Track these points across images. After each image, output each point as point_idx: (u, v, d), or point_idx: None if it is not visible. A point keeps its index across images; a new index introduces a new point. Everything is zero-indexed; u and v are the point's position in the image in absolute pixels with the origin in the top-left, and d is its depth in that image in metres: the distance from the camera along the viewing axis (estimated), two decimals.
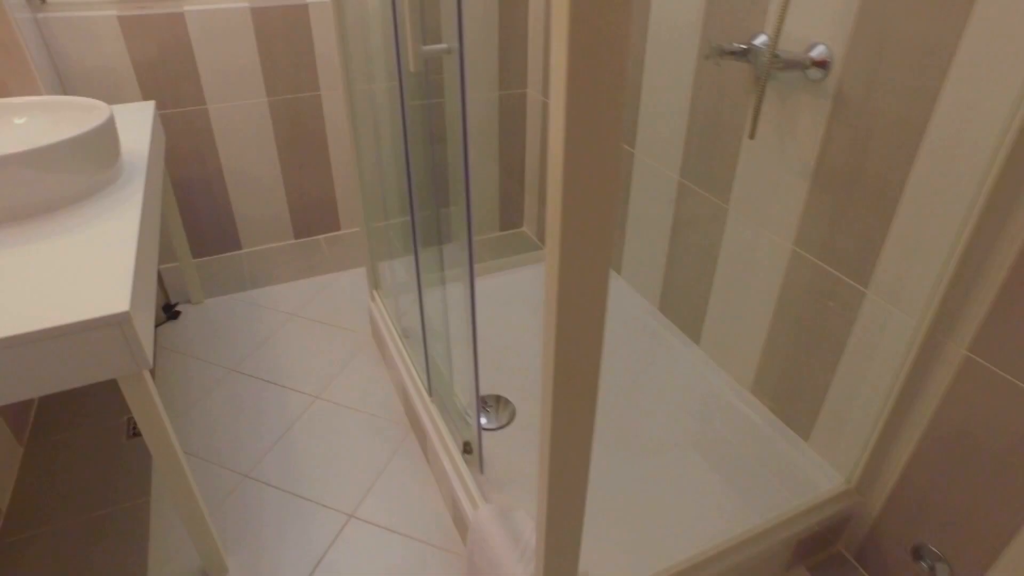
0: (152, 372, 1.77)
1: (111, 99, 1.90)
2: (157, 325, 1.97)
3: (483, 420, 1.55)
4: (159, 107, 1.96)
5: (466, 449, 1.35)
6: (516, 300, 1.95)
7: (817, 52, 1.14)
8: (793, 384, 1.38)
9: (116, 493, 1.46)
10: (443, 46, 0.86)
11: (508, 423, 1.53)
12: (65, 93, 1.84)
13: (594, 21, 0.44)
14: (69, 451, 1.56)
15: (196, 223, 2.20)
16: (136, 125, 1.60)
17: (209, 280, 2.18)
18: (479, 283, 1.97)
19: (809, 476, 1.33)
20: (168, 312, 2.00)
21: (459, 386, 1.46)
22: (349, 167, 2.31)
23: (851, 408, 1.25)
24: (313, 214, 2.35)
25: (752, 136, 1.21)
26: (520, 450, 1.45)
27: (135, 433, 1.61)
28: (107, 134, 1.24)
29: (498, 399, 1.59)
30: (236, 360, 1.83)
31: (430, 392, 1.50)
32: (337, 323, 1.98)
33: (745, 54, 1.26)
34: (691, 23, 1.43)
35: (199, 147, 2.08)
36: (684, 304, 1.70)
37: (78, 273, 0.98)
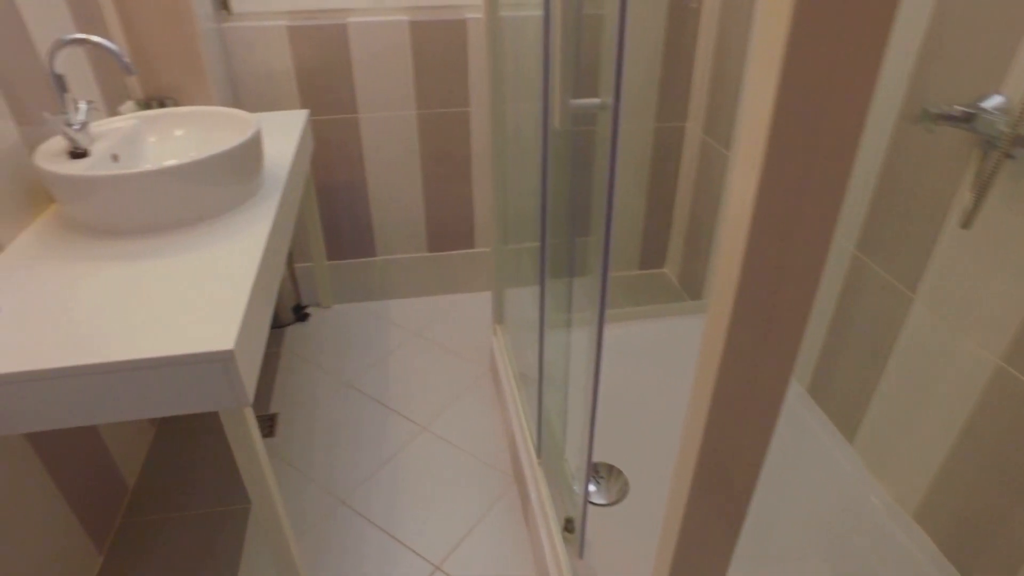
0: (275, 370, 1.80)
1: (272, 105, 1.96)
2: (286, 325, 2.01)
3: (591, 487, 1.41)
4: (313, 113, 2.00)
5: (567, 527, 1.23)
6: (647, 354, 1.79)
7: None
8: (977, 526, 1.12)
9: (231, 492, 1.47)
10: (596, 101, 0.74)
11: (619, 499, 1.38)
12: (235, 98, 1.91)
13: (827, 57, 0.31)
14: (196, 439, 1.60)
15: (335, 226, 2.24)
16: (287, 133, 1.62)
17: (340, 285, 2.21)
18: (610, 329, 1.83)
19: None
20: (298, 313, 2.04)
21: (571, 448, 1.33)
22: (489, 184, 2.26)
23: None
24: (449, 229, 2.32)
25: (967, 225, 0.98)
26: (629, 534, 1.30)
27: (270, 432, 1.63)
28: (251, 150, 1.23)
29: (611, 469, 1.45)
30: (353, 374, 1.82)
31: (539, 451, 1.39)
32: (457, 350, 1.92)
33: (968, 120, 1.02)
34: (897, 76, 1.20)
35: (346, 154, 2.10)
36: (840, 393, 1.46)
37: (196, 297, 0.96)
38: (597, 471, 1.45)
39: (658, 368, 1.73)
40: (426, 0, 1.95)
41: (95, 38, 1.13)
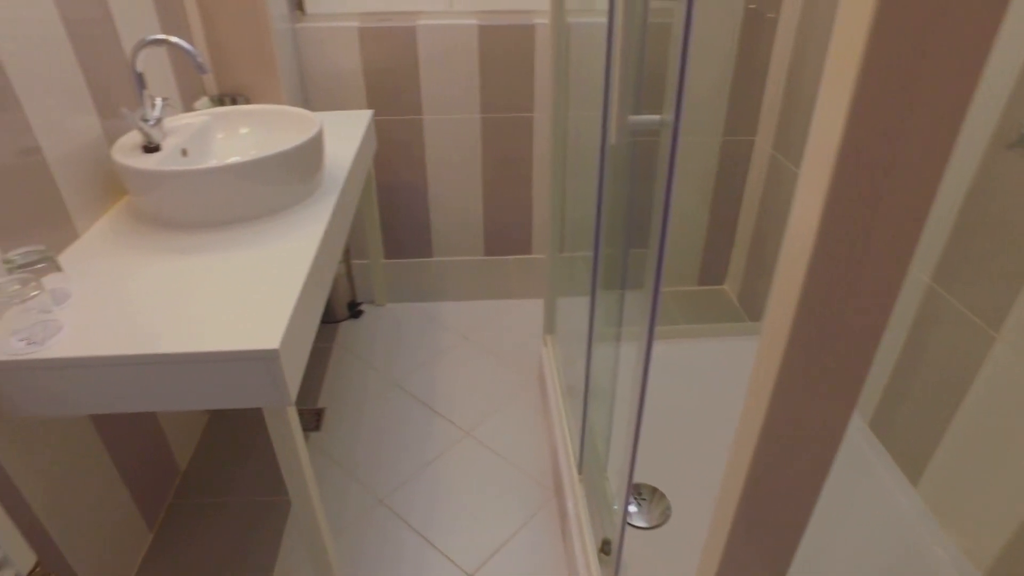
0: (325, 365, 1.84)
1: (339, 104, 2.00)
2: (339, 321, 2.05)
3: (632, 508, 1.37)
4: (378, 113, 2.03)
5: (604, 549, 1.19)
6: (700, 374, 1.73)
7: None
8: None
9: (276, 483, 1.51)
10: (655, 119, 0.71)
11: (660, 524, 1.34)
12: (304, 96, 1.96)
13: (912, 69, 0.29)
14: (247, 428, 1.65)
15: (393, 225, 2.27)
16: (350, 132, 1.65)
17: (395, 283, 2.23)
18: (662, 346, 1.78)
19: None
20: (352, 310, 2.07)
21: (613, 467, 1.30)
22: (547, 191, 2.24)
23: None
24: (507, 234, 2.31)
25: None
26: (668, 561, 1.26)
27: (316, 426, 1.67)
28: (311, 150, 1.25)
29: (654, 491, 1.41)
30: (401, 374, 1.84)
31: (580, 468, 1.36)
32: (506, 357, 1.91)
33: None
34: (992, 97, 1.12)
35: (408, 155, 2.12)
36: (906, 430, 1.37)
37: (247, 293, 0.98)
38: (639, 492, 1.41)
39: (711, 390, 1.67)
40: (496, 4, 1.94)
41: (173, 39, 1.17)
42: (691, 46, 0.62)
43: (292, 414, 0.97)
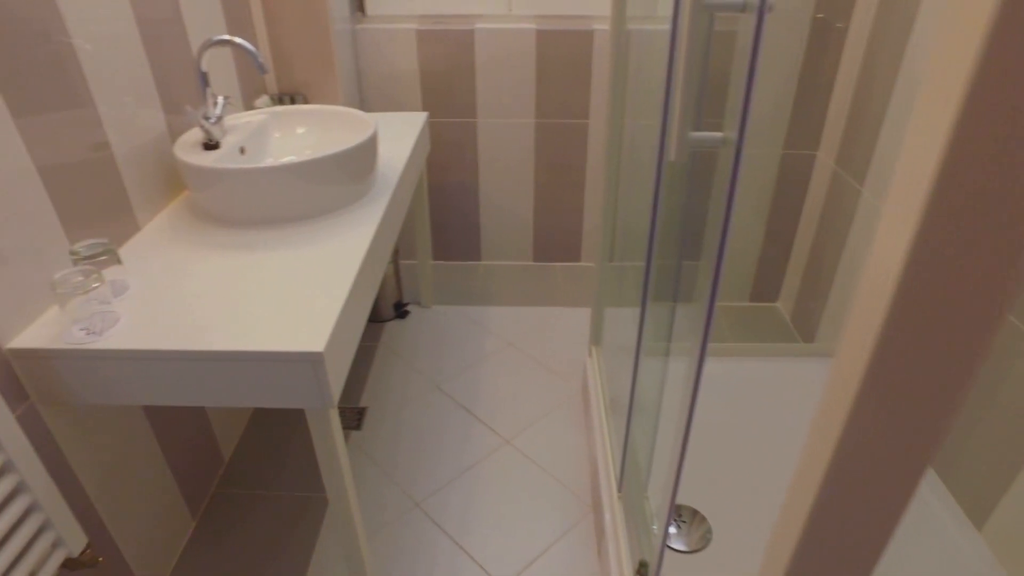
0: (369, 364, 1.85)
1: (395, 105, 2.01)
2: (385, 320, 2.06)
3: (671, 530, 1.34)
4: (433, 115, 2.04)
5: (640, 571, 1.17)
6: (748, 395, 1.68)
7: None
8: None
9: (315, 480, 1.53)
10: (718, 136, 0.68)
11: (700, 548, 1.30)
12: (360, 96, 1.98)
13: None
14: (290, 424, 1.68)
15: (443, 227, 2.27)
16: (404, 134, 1.65)
17: (442, 285, 2.24)
18: (710, 363, 1.72)
19: None
20: (398, 310, 2.09)
21: (655, 486, 1.27)
22: (600, 199, 2.21)
23: None
24: (556, 240, 2.30)
25: None
26: None
27: (357, 425, 1.68)
28: (365, 152, 1.26)
29: (694, 514, 1.37)
30: (444, 377, 1.84)
31: (620, 484, 1.33)
32: (551, 365, 1.89)
33: None
34: None
35: (461, 157, 2.13)
36: (971, 471, 1.30)
37: (296, 294, 0.99)
38: (679, 514, 1.37)
39: (759, 412, 1.62)
40: (556, 9, 1.93)
41: (237, 39, 1.19)
42: (759, 62, 0.59)
43: (334, 416, 0.97)
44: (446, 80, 1.98)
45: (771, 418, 1.60)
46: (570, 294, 2.21)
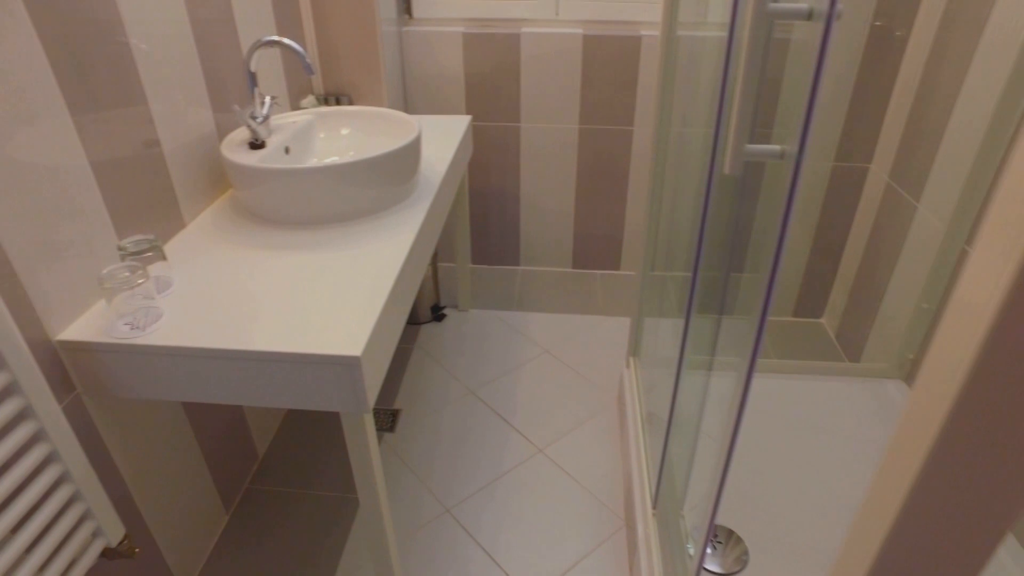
0: (404, 366, 1.85)
1: (438, 107, 2.01)
2: (422, 323, 2.06)
3: (707, 550, 1.30)
4: (476, 119, 2.03)
5: None
6: (789, 413, 1.63)
7: None
8: None
9: (347, 481, 1.53)
10: (775, 149, 0.65)
11: (736, 571, 1.26)
12: (404, 98, 1.99)
13: None
14: (324, 423, 1.68)
15: (482, 231, 2.27)
16: (447, 137, 1.65)
17: (479, 289, 2.23)
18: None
19: None
20: (435, 313, 2.09)
21: (690, 504, 1.24)
22: (643, 207, 2.18)
23: None
24: (596, 247, 2.27)
25: None
26: None
27: (391, 427, 1.69)
28: (408, 155, 1.26)
29: (730, 534, 1.33)
30: (479, 382, 1.83)
31: (655, 501, 1.30)
32: (587, 374, 1.87)
33: None
34: None
35: (503, 162, 2.12)
36: None
37: (335, 296, 0.99)
38: (715, 534, 1.33)
39: (800, 432, 1.57)
40: (602, 14, 1.91)
41: (286, 40, 1.20)
42: (824, 74, 0.57)
43: (368, 420, 0.97)
44: (490, 83, 1.97)
45: (812, 439, 1.55)
46: (608, 302, 2.18)
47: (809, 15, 0.59)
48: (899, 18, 1.67)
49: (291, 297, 1.00)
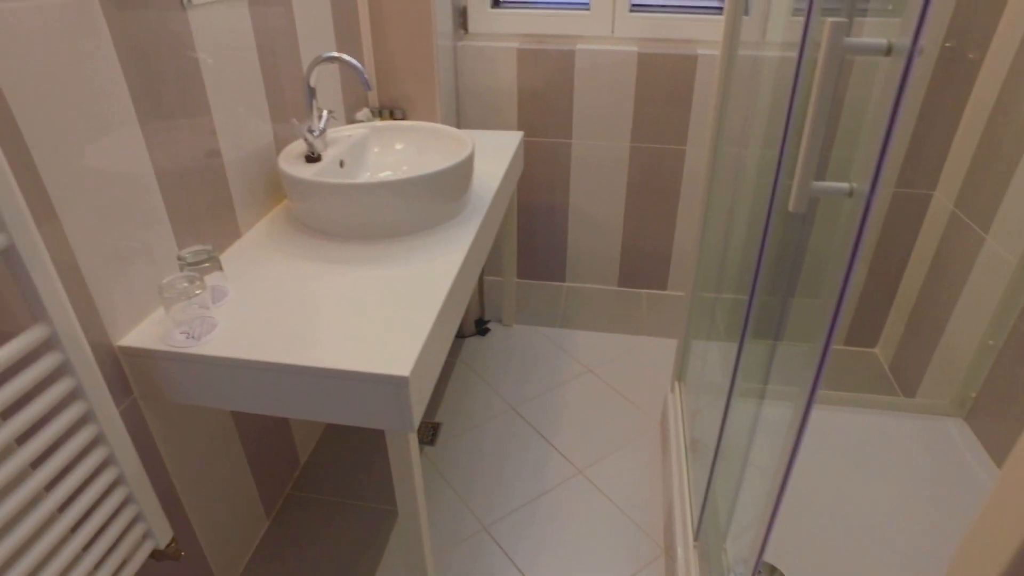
0: (447, 380, 1.86)
1: (491, 123, 2.02)
2: (465, 336, 2.07)
3: None
4: (527, 134, 2.03)
5: None
6: (838, 447, 1.57)
7: None
8: None
9: (386, 493, 1.54)
10: (843, 186, 0.63)
11: None
12: (457, 112, 2.00)
13: None
14: (365, 433, 1.70)
15: (529, 246, 2.26)
16: (499, 154, 1.65)
17: (524, 304, 2.22)
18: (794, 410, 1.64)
19: None
20: (479, 327, 2.09)
21: (734, 536, 1.20)
22: (694, 228, 2.14)
23: None
24: (643, 266, 2.24)
25: None
26: None
27: (431, 440, 1.69)
28: (461, 172, 1.26)
29: (772, 570, 1.29)
30: (520, 399, 1.82)
31: (696, 533, 1.27)
32: (630, 396, 1.84)
33: None
34: None
35: (553, 178, 2.11)
36: None
37: (385, 314, 0.99)
38: (758, 571, 1.29)
39: (850, 467, 1.51)
40: (660, 32, 1.89)
41: (345, 57, 1.22)
42: (902, 113, 0.54)
43: (412, 438, 0.97)
44: (543, 99, 1.97)
45: (863, 475, 1.49)
46: (654, 323, 2.15)
47: (888, 51, 0.56)
48: (973, 40, 1.61)
49: (341, 312, 1.01)
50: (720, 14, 1.84)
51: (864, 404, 1.69)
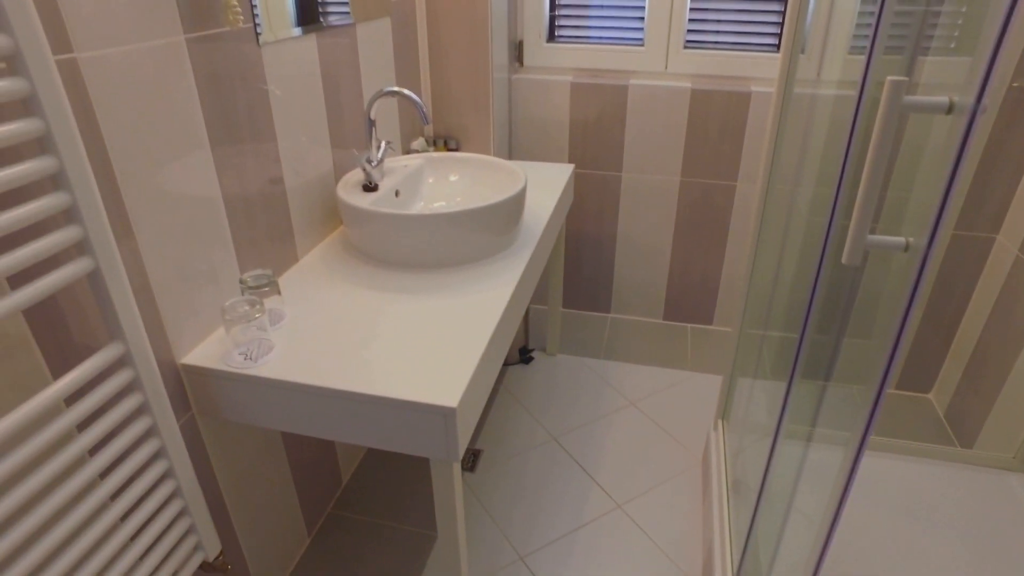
0: (489, 407, 1.87)
1: (542, 155, 2.05)
2: (509, 364, 2.08)
3: None
4: (578, 166, 2.05)
5: None
6: (888, 497, 1.52)
7: None
8: None
9: (426, 516, 1.55)
10: (899, 241, 0.63)
11: None
12: (509, 143, 2.04)
13: None
14: (407, 456, 1.72)
15: (575, 276, 2.27)
16: (550, 186, 1.67)
17: (568, 333, 2.23)
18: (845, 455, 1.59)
19: None
20: (523, 355, 2.10)
21: None
22: (742, 264, 2.12)
23: None
24: (689, 300, 2.23)
25: None
26: None
27: (471, 467, 1.71)
28: (514, 206, 1.29)
29: None
30: (562, 430, 1.82)
31: None
32: (672, 431, 1.82)
33: None
34: None
35: (602, 209, 2.12)
36: None
37: (434, 343, 1.02)
38: None
39: (901, 518, 1.46)
40: (714, 69, 1.90)
41: (406, 91, 1.27)
42: (962, 171, 0.54)
43: (456, 467, 0.98)
44: (595, 133, 2.00)
45: (915, 528, 1.44)
46: (699, 358, 2.13)
47: (949, 109, 0.56)
48: None
49: (391, 340, 1.03)
50: (773, 51, 1.84)
51: (918, 453, 1.63)
